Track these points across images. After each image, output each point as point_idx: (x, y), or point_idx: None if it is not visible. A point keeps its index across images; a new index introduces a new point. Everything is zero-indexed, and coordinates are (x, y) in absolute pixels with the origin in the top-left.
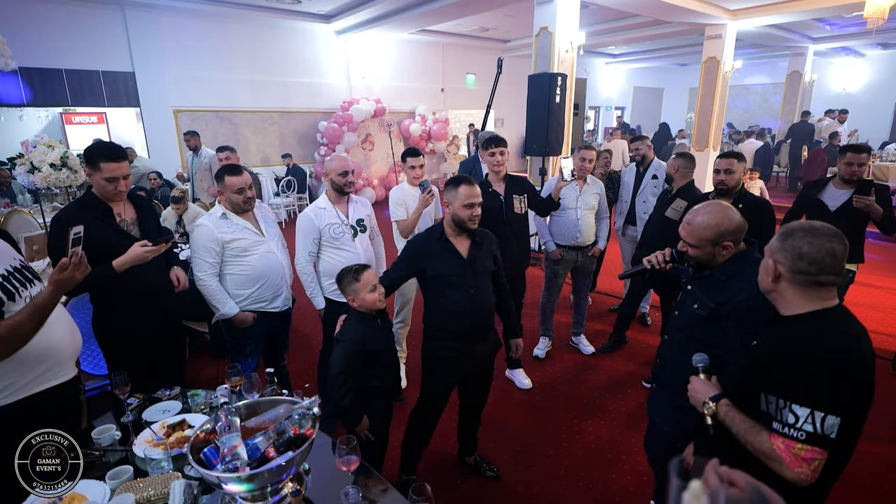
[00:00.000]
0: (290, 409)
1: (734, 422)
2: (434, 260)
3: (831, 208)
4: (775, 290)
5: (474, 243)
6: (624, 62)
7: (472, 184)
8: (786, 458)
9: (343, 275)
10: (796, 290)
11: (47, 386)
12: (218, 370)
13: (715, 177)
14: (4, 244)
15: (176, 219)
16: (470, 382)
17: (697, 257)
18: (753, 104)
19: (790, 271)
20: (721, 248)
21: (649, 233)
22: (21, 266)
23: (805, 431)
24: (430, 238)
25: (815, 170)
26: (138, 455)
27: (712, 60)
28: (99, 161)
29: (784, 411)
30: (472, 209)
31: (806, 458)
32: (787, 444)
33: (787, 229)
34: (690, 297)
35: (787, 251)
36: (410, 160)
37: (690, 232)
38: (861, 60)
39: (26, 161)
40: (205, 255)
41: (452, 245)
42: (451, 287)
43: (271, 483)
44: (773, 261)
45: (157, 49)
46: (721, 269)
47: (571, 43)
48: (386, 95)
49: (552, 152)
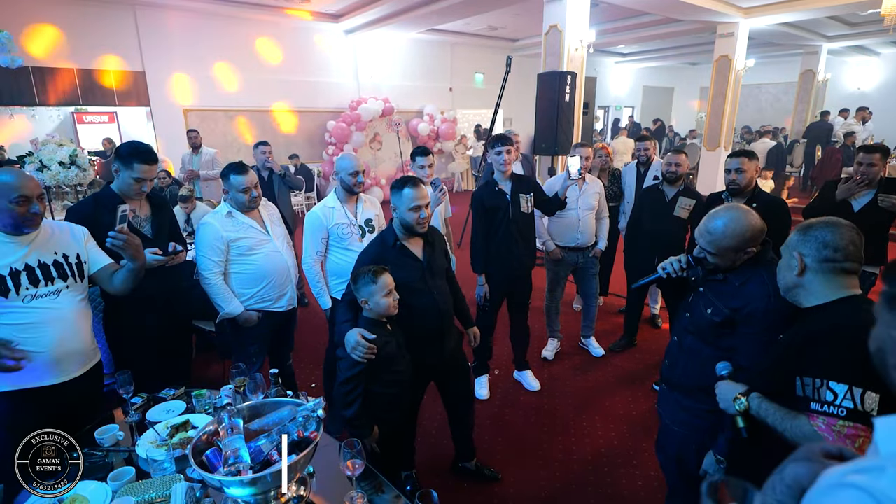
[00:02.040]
0: (294, 411)
1: (768, 412)
2: (394, 268)
3: (855, 208)
4: (800, 283)
5: (427, 243)
6: (634, 61)
7: (416, 185)
8: (828, 438)
9: (360, 274)
10: (822, 280)
11: (27, 386)
12: (224, 370)
13: (726, 176)
14: (69, 234)
15: (184, 217)
16: (447, 380)
17: (718, 265)
18: (766, 103)
19: (816, 260)
20: (743, 255)
21: (643, 236)
22: (62, 261)
23: (845, 408)
24: (384, 246)
25: (829, 170)
26: (141, 456)
27: (724, 59)
28: (134, 161)
29: (822, 390)
30: (419, 211)
31: (849, 436)
32: (828, 423)
33: (804, 224)
34: (703, 300)
35: (810, 242)
36: (420, 159)
37: (711, 242)
38: (876, 59)
39: (35, 159)
40: (210, 254)
41: (408, 249)
42: (414, 293)
43: (274, 486)
44: (798, 254)
45: (167, 48)
46: (736, 274)
47: (581, 41)
48: (394, 95)
49: (561, 151)
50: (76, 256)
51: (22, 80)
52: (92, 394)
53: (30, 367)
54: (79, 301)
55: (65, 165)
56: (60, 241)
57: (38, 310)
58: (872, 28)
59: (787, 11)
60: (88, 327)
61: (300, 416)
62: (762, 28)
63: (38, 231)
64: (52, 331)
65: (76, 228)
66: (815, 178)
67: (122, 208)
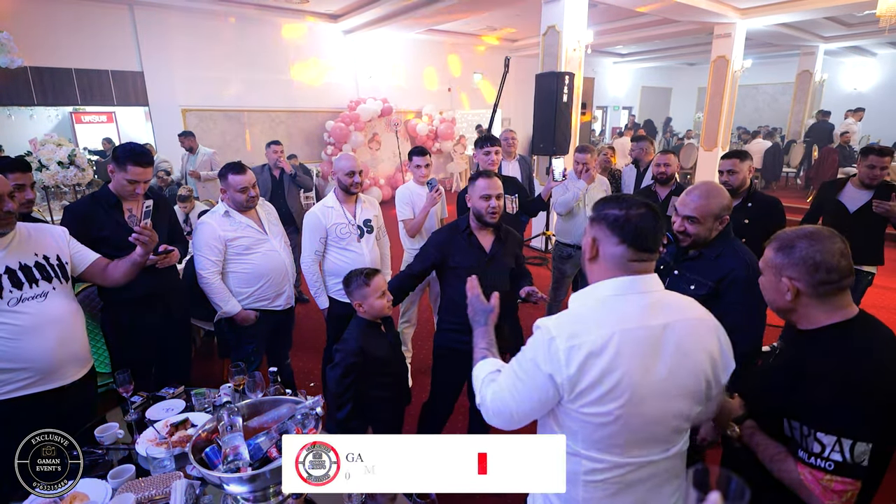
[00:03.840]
0: (293, 408)
1: (759, 447)
2: (456, 252)
3: (850, 209)
4: (794, 308)
5: (498, 239)
6: (632, 61)
7: (489, 176)
8: (815, 490)
9: (352, 277)
10: (818, 303)
11: (25, 393)
12: (224, 369)
13: (719, 178)
14: (48, 235)
15: (183, 217)
16: None
17: (698, 234)
18: (763, 104)
19: (810, 285)
20: (719, 223)
21: None
22: (44, 262)
23: (833, 461)
24: (454, 230)
25: (825, 170)
26: (141, 454)
27: (721, 60)
28: (127, 163)
29: (809, 439)
30: (489, 201)
31: (836, 490)
32: (814, 476)
33: (784, 241)
34: (682, 280)
35: (798, 265)
36: (417, 159)
37: (696, 208)
38: (872, 60)
39: (34, 159)
40: (207, 253)
41: (476, 239)
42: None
43: (273, 484)
44: (787, 278)
45: (165, 48)
46: (710, 248)
47: (579, 42)
48: (393, 95)
49: (559, 151)
50: (56, 258)
51: (20, 80)
52: (89, 397)
53: (29, 374)
54: (69, 303)
55: (63, 165)
56: (39, 242)
57: (28, 314)
58: (869, 29)
59: (784, 12)
60: (83, 329)
61: (299, 414)
62: (759, 29)
63: (14, 233)
64: (48, 334)
65: (55, 230)
66: (813, 179)
67: (146, 203)
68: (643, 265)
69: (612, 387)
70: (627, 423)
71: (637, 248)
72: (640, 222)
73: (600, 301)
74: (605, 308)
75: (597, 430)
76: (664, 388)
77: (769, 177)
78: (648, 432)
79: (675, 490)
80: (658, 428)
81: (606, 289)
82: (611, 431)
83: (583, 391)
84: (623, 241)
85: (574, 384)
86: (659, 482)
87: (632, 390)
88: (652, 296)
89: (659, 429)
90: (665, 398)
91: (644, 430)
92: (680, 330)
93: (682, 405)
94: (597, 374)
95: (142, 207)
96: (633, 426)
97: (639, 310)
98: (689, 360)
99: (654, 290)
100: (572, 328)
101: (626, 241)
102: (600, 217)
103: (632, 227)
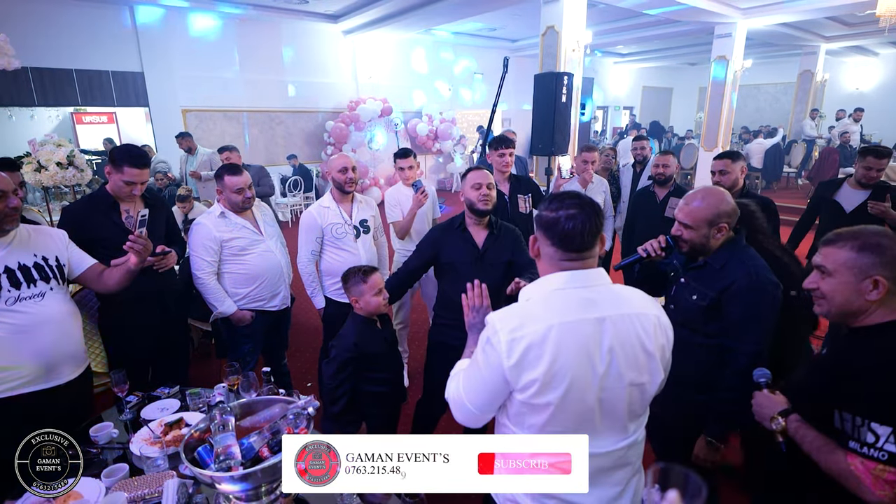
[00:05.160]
0: (285, 408)
1: (805, 439)
2: (449, 247)
3: (847, 209)
4: (870, 309)
5: (491, 234)
6: (632, 62)
7: (479, 169)
8: (866, 480)
9: (350, 274)
10: (891, 300)
11: (21, 392)
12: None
13: (711, 178)
14: (48, 237)
15: (182, 217)
16: None
17: (692, 240)
18: (764, 104)
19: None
20: (716, 231)
21: (636, 237)
22: (43, 263)
23: (887, 452)
24: (449, 226)
25: (826, 170)
26: (135, 453)
27: (722, 59)
28: (124, 165)
29: (862, 430)
30: (479, 189)
31: (889, 481)
32: (866, 465)
33: (867, 241)
34: (687, 289)
35: (892, 264)
36: (400, 161)
37: (688, 213)
38: (874, 59)
39: (33, 160)
40: (203, 254)
41: (469, 234)
42: (462, 276)
43: (265, 483)
44: (881, 277)
45: (165, 49)
46: (715, 256)
47: (578, 42)
48: (393, 95)
49: (558, 152)
50: (55, 259)
51: (21, 81)
52: (85, 397)
53: (25, 373)
54: (66, 303)
55: (62, 166)
56: (38, 243)
57: (25, 313)
58: (870, 28)
59: (785, 12)
60: (80, 329)
61: (290, 414)
62: (760, 29)
63: (15, 233)
64: (44, 334)
65: (54, 232)
66: (813, 179)
67: (141, 213)
68: (578, 262)
69: (552, 377)
70: (568, 411)
71: (565, 249)
72: (568, 224)
73: (544, 295)
74: (547, 302)
75: (541, 418)
76: (603, 378)
77: (770, 177)
78: (591, 422)
79: (623, 479)
80: (601, 417)
81: (550, 283)
82: (553, 420)
83: (526, 382)
84: (553, 244)
85: (518, 375)
86: (608, 472)
87: (570, 380)
88: (594, 290)
89: (603, 418)
90: (604, 389)
91: (587, 420)
92: (618, 323)
93: (624, 395)
94: (536, 365)
95: (137, 216)
96: (575, 415)
97: (578, 303)
98: (626, 353)
99: (597, 284)
100: (515, 321)
101: (555, 243)
102: (536, 218)
103: (559, 230)
